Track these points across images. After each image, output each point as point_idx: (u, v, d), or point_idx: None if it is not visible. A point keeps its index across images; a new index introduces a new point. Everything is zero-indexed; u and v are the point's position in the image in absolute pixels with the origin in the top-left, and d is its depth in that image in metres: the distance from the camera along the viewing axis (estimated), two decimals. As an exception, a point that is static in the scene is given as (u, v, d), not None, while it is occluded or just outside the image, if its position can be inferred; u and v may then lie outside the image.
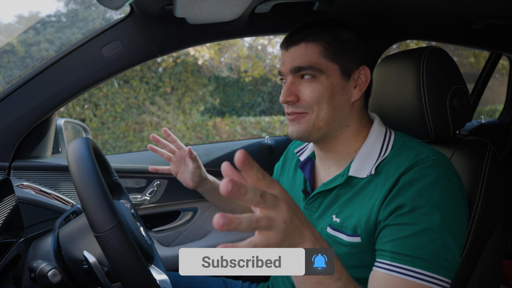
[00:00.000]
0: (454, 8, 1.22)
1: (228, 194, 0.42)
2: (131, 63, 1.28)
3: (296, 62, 0.80)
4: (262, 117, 6.42)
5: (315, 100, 0.79)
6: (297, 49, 0.81)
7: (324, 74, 0.79)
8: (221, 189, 0.43)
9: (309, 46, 0.80)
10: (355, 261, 0.77)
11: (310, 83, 0.79)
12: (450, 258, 0.67)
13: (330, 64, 0.79)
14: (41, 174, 1.29)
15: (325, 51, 0.79)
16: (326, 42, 0.80)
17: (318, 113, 0.80)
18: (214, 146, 1.66)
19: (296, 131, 0.82)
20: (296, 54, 0.80)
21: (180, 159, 1.10)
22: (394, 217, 0.70)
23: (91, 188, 0.66)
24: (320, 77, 0.79)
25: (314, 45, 0.80)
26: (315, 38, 0.80)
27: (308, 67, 0.79)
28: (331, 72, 0.79)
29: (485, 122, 2.45)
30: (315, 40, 0.80)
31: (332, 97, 0.79)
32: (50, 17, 4.98)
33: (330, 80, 0.79)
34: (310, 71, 0.79)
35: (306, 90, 0.80)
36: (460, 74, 0.92)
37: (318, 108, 0.79)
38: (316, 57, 0.79)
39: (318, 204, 0.86)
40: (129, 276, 0.64)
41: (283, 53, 0.85)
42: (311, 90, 0.79)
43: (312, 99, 0.79)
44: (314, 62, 0.79)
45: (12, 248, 0.93)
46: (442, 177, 0.70)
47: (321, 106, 0.79)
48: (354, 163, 0.80)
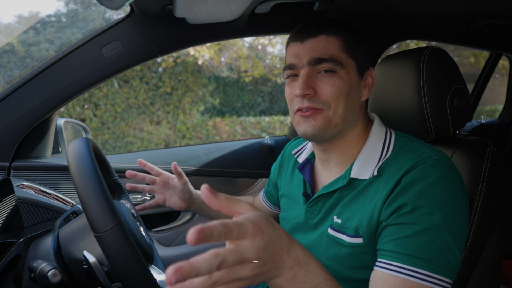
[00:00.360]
0: (454, 8, 1.22)
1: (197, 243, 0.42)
2: (131, 63, 1.28)
3: (316, 54, 0.76)
4: (262, 117, 6.42)
5: (334, 95, 0.76)
6: (317, 41, 0.77)
7: (344, 68, 0.77)
8: (189, 242, 0.42)
9: (330, 38, 0.77)
10: (357, 262, 0.77)
11: (330, 77, 0.76)
12: (451, 258, 0.66)
13: (349, 59, 0.78)
14: (41, 174, 1.29)
15: (345, 46, 0.77)
16: (345, 37, 0.78)
17: (335, 109, 0.76)
18: (214, 146, 1.66)
19: (312, 128, 0.77)
20: (315, 46, 0.77)
21: (164, 185, 1.09)
22: (396, 217, 0.70)
23: (91, 188, 0.66)
24: (340, 71, 0.76)
25: (335, 38, 0.77)
26: (336, 31, 0.77)
27: (330, 59, 0.75)
28: (350, 68, 0.78)
29: (485, 122, 2.45)
30: (336, 33, 0.77)
31: (349, 94, 0.77)
32: (50, 17, 4.98)
33: (349, 76, 0.77)
34: (331, 64, 0.75)
35: (325, 84, 0.76)
36: (460, 74, 0.92)
37: (336, 104, 0.76)
38: (337, 50, 0.76)
39: (320, 207, 0.85)
40: (129, 276, 0.64)
41: (295, 45, 0.80)
42: (330, 84, 0.76)
43: (332, 94, 0.76)
44: (335, 55, 0.76)
45: (12, 248, 0.93)
46: (444, 177, 0.70)
47: (339, 102, 0.76)
48: (355, 165, 0.80)
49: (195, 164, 1.52)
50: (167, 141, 6.04)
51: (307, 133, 0.78)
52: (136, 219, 0.93)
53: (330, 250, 0.80)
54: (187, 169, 1.50)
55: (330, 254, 0.80)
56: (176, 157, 1.54)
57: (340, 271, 0.79)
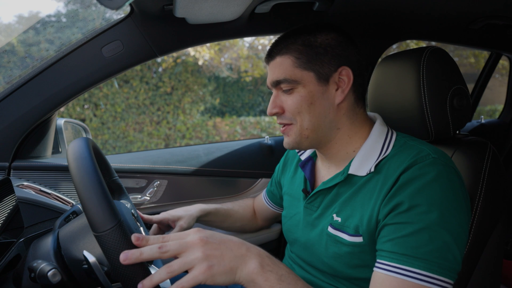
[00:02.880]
0: (454, 8, 1.22)
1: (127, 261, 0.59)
2: (131, 63, 1.28)
3: (274, 76, 0.83)
4: (262, 117, 6.43)
5: (296, 110, 0.81)
6: (274, 63, 0.83)
7: (300, 83, 0.80)
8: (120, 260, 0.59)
9: (283, 58, 0.82)
10: (357, 261, 0.77)
11: (289, 94, 0.82)
12: (450, 258, 0.66)
13: (305, 72, 0.80)
14: (41, 174, 1.29)
15: (297, 61, 0.80)
16: (298, 52, 0.81)
17: (301, 123, 0.82)
18: (214, 146, 1.66)
19: (287, 143, 0.87)
20: (274, 68, 0.83)
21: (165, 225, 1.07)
22: (393, 216, 0.70)
23: (91, 188, 0.66)
24: (297, 87, 0.81)
25: (287, 57, 0.81)
26: (288, 50, 0.82)
27: (284, 80, 0.81)
28: (307, 81, 0.80)
29: (485, 122, 2.45)
30: (288, 52, 0.81)
31: (313, 105, 0.80)
32: (50, 17, 4.98)
33: (307, 89, 0.80)
34: (286, 84, 0.81)
35: (288, 101, 0.82)
36: (460, 74, 0.92)
37: (300, 118, 0.82)
38: (290, 69, 0.81)
39: (318, 203, 0.86)
40: (129, 276, 0.64)
41: (267, 67, 0.88)
42: (291, 101, 0.81)
43: (293, 110, 0.81)
44: (288, 74, 0.81)
45: (12, 248, 0.93)
46: (442, 175, 0.70)
47: (303, 115, 0.81)
48: (354, 161, 0.80)
49: (195, 164, 1.52)
50: (167, 141, 6.04)
51: (286, 147, 0.88)
52: (136, 219, 0.93)
53: (330, 249, 0.80)
54: (187, 169, 1.50)
55: (330, 252, 0.80)
56: (176, 157, 1.54)
57: (340, 269, 0.79)
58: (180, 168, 1.50)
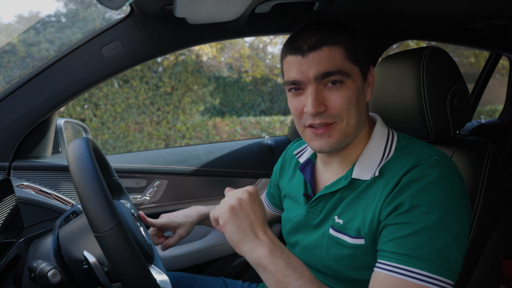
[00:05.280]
0: (454, 8, 1.22)
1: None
2: (131, 63, 1.28)
3: (322, 68, 0.73)
4: (262, 117, 6.42)
5: (345, 107, 0.75)
6: (320, 54, 0.74)
7: (351, 77, 0.75)
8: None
9: (333, 49, 0.74)
10: (358, 263, 0.77)
11: (338, 89, 0.75)
12: (450, 259, 0.66)
13: (354, 66, 0.76)
14: (41, 174, 1.29)
15: (348, 54, 0.75)
16: (347, 44, 0.75)
17: (348, 121, 0.76)
18: (214, 146, 1.66)
19: (329, 145, 0.77)
20: (319, 59, 0.74)
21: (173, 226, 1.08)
22: (394, 217, 0.70)
23: (91, 188, 0.66)
24: (347, 81, 0.75)
25: (337, 48, 0.74)
26: (336, 41, 0.75)
27: (337, 72, 0.74)
28: (355, 75, 0.76)
29: (485, 122, 2.45)
30: (336, 43, 0.75)
31: (358, 101, 0.77)
32: (50, 17, 4.98)
33: (356, 84, 0.76)
34: (339, 76, 0.74)
35: (335, 97, 0.75)
36: (460, 74, 0.92)
37: (348, 115, 0.75)
38: (342, 61, 0.74)
39: (321, 208, 0.85)
40: (129, 276, 0.64)
41: (295, 59, 0.76)
42: (340, 96, 0.74)
43: (343, 107, 0.75)
44: (341, 65, 0.74)
45: (12, 248, 0.93)
46: (444, 177, 0.70)
47: (351, 112, 0.76)
48: (357, 165, 0.80)
49: (195, 164, 1.52)
50: (167, 141, 6.04)
51: (323, 149, 0.78)
52: (136, 219, 0.93)
53: (331, 251, 0.80)
54: (187, 169, 1.50)
55: (331, 254, 0.80)
56: (176, 157, 1.54)
57: (341, 271, 0.79)
58: (180, 168, 1.50)
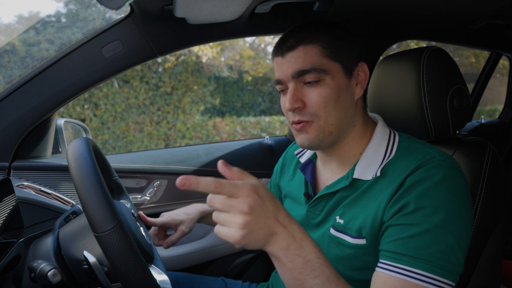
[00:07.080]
0: (454, 8, 1.22)
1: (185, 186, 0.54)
2: (131, 63, 1.28)
3: (297, 66, 0.76)
4: (262, 117, 6.42)
5: (322, 105, 0.76)
6: (296, 53, 0.77)
7: (329, 74, 0.76)
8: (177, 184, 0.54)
9: (308, 48, 0.77)
10: (359, 263, 0.76)
11: (315, 87, 0.76)
12: (453, 260, 0.66)
13: (333, 63, 0.77)
14: (41, 174, 1.29)
15: (324, 51, 0.76)
16: (324, 42, 0.77)
17: (326, 119, 0.77)
18: (214, 146, 1.66)
19: (307, 140, 0.79)
20: (296, 58, 0.77)
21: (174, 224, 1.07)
22: (398, 217, 0.70)
23: (91, 188, 0.66)
24: (325, 78, 0.76)
25: (313, 46, 0.77)
26: (312, 39, 0.77)
27: (312, 69, 0.75)
28: (335, 72, 0.77)
29: (485, 122, 2.45)
30: (312, 41, 0.77)
31: (339, 99, 0.77)
32: (50, 17, 4.98)
33: (335, 81, 0.77)
34: (314, 74, 0.76)
35: (312, 95, 0.76)
36: (460, 74, 0.92)
37: (326, 113, 0.76)
38: (317, 58, 0.76)
39: (321, 207, 0.84)
40: (129, 276, 0.64)
41: (278, 60, 0.80)
42: (317, 94, 0.76)
43: (319, 104, 0.76)
44: (316, 63, 0.76)
45: (12, 248, 0.93)
46: (448, 178, 0.70)
47: (329, 110, 0.76)
48: (358, 165, 0.80)
49: (195, 164, 1.52)
50: (167, 141, 6.04)
51: (303, 144, 0.81)
52: (136, 219, 0.93)
53: (332, 251, 0.80)
54: (187, 169, 1.51)
55: (332, 254, 0.80)
56: (176, 157, 1.54)
57: (342, 271, 0.79)
58: (180, 168, 1.50)
